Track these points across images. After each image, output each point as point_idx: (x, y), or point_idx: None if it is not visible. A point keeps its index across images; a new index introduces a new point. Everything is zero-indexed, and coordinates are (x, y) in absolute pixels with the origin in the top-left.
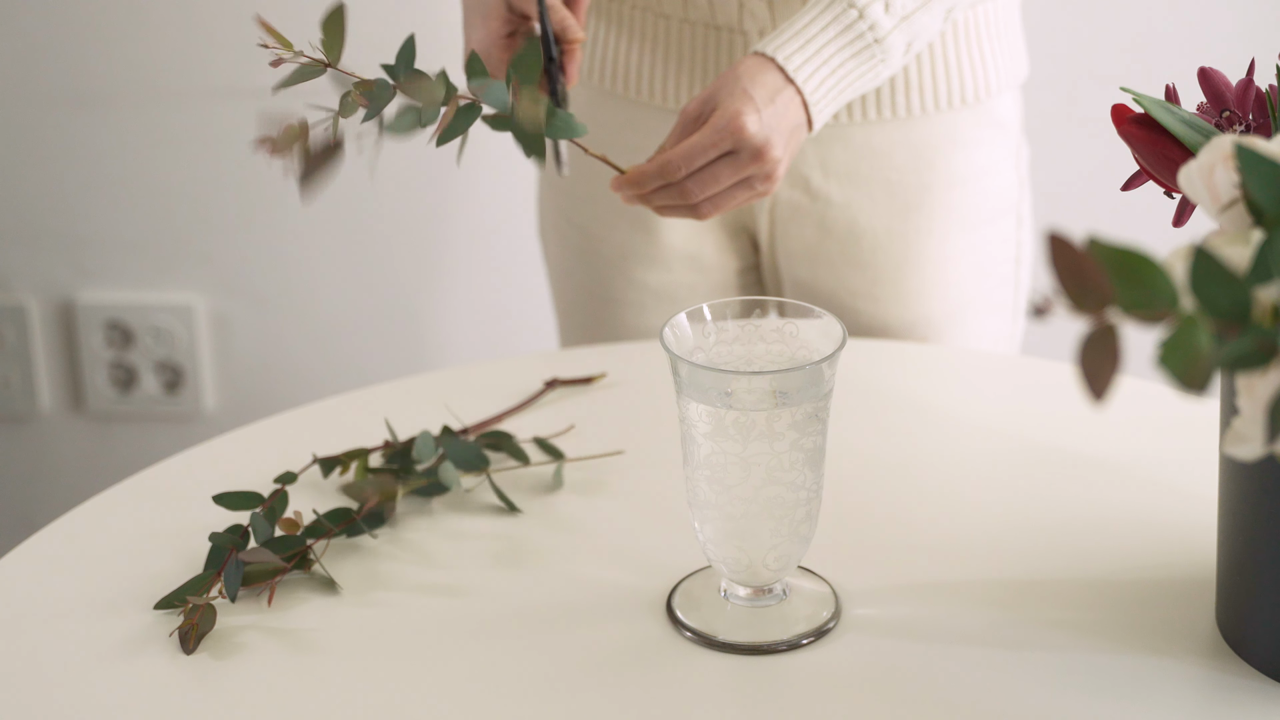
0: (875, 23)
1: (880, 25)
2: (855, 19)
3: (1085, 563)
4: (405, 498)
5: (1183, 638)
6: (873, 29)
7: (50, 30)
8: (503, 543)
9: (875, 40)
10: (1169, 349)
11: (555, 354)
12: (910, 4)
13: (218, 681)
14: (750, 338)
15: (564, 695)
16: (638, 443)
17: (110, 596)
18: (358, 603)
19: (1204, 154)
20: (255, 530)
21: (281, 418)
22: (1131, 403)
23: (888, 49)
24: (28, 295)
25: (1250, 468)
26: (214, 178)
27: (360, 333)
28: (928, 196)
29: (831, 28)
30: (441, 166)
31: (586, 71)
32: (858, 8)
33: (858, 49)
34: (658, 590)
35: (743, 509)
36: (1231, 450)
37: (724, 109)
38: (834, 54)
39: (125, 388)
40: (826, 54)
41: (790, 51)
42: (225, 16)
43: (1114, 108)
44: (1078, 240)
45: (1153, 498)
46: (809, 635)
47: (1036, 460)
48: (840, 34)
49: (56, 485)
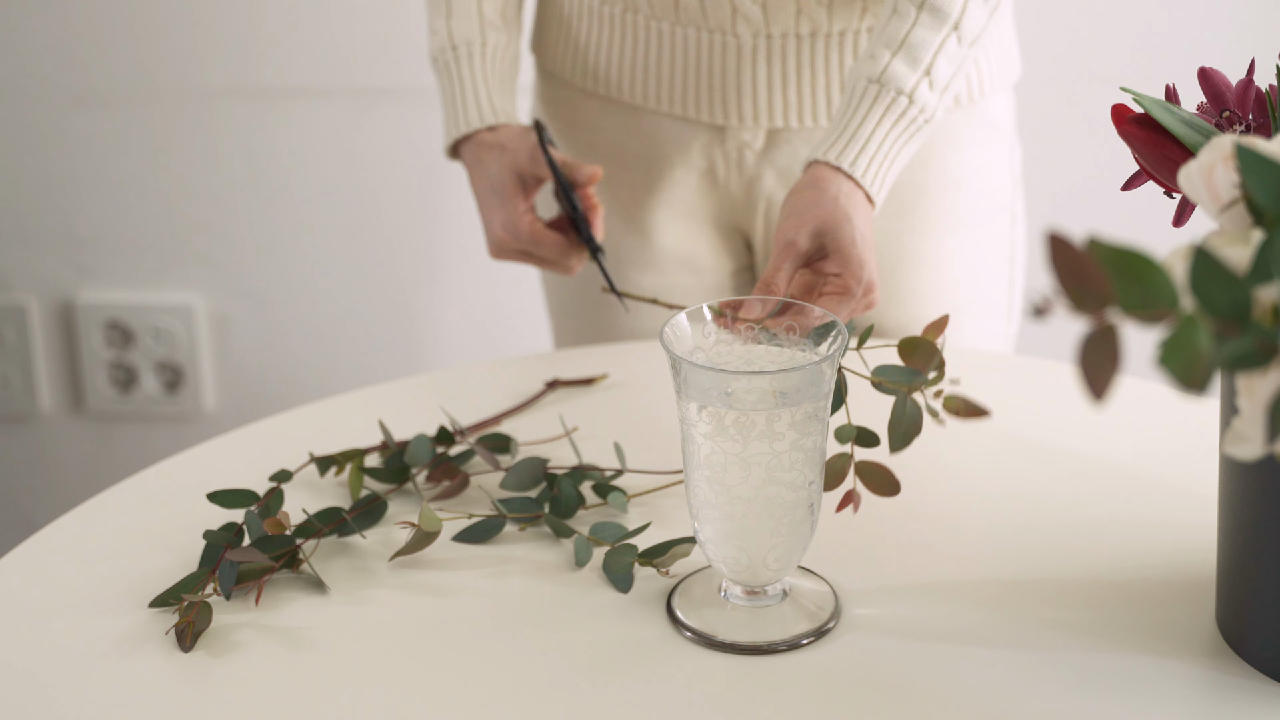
0: (925, 105)
1: (929, 106)
2: (906, 107)
3: (1085, 563)
4: (398, 496)
5: (1183, 638)
6: (923, 111)
7: (50, 30)
8: (499, 542)
9: (926, 121)
10: (1169, 349)
11: (555, 355)
12: (948, 73)
13: (214, 679)
14: (750, 338)
15: (564, 695)
16: (638, 443)
17: (110, 595)
18: (354, 601)
19: (1204, 154)
20: (250, 528)
21: (280, 418)
22: (1131, 403)
23: (935, 122)
24: (28, 295)
25: (1250, 468)
26: (214, 178)
27: (360, 333)
28: (921, 197)
29: (886, 121)
30: (442, 166)
31: (580, 74)
32: (906, 93)
33: (913, 133)
34: (658, 590)
35: (743, 509)
36: (1231, 450)
37: (847, 259)
38: (894, 145)
39: (125, 388)
40: (888, 148)
41: (853, 156)
42: (225, 16)
43: (1114, 108)
44: (1078, 240)
45: (1153, 498)
46: (809, 635)
47: (1036, 460)
48: (896, 124)
49: (56, 485)
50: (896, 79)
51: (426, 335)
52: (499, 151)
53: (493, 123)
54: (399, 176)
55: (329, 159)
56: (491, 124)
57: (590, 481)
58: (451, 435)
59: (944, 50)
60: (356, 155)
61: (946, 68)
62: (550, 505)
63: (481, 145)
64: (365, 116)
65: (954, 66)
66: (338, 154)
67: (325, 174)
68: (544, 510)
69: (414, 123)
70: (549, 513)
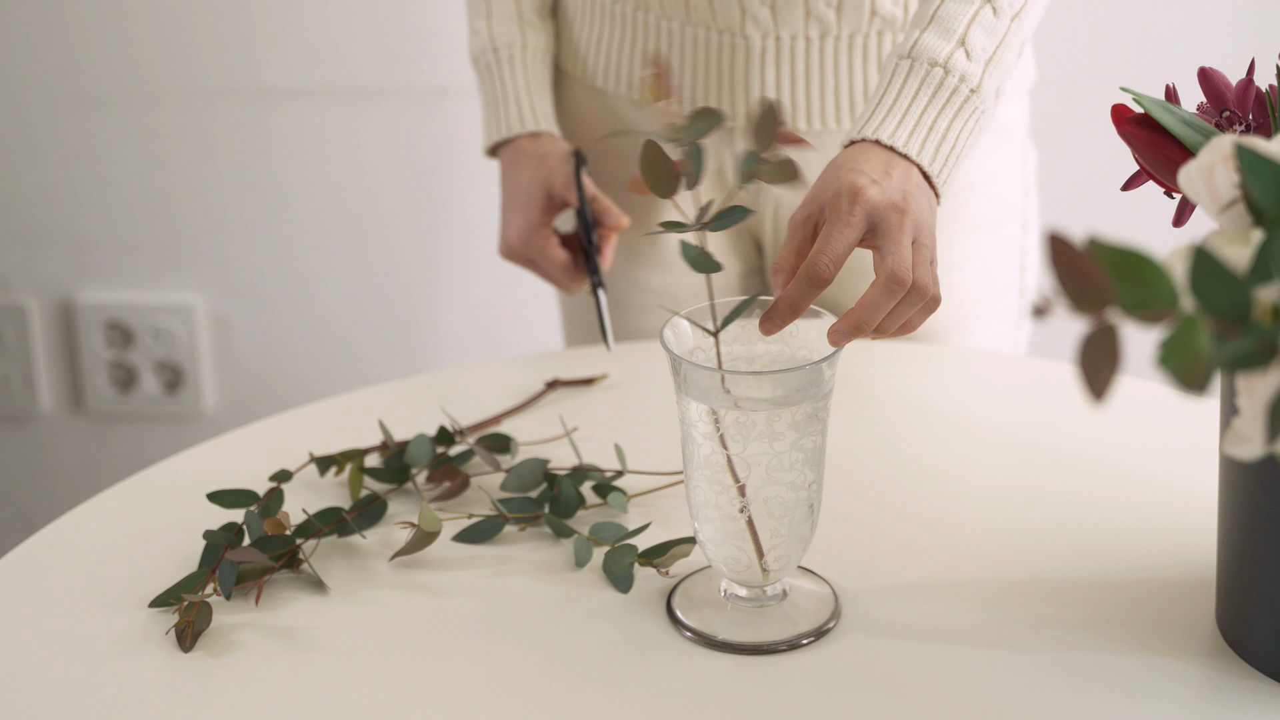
0: (965, 73)
1: (970, 74)
2: (943, 77)
3: (1085, 563)
4: (398, 496)
5: (1183, 638)
6: (964, 80)
7: (50, 30)
8: (499, 542)
9: (971, 91)
10: (1169, 349)
11: (556, 354)
12: (989, 44)
13: (214, 679)
14: (750, 338)
15: (563, 695)
16: (638, 443)
17: (110, 595)
18: (354, 601)
19: (1204, 154)
20: (250, 528)
21: (281, 418)
22: (1131, 403)
23: (984, 96)
24: (28, 295)
25: (1250, 467)
26: (214, 178)
27: (360, 333)
28: None
29: (923, 93)
30: (442, 166)
31: (590, 72)
32: (940, 64)
33: (958, 106)
34: (658, 590)
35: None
36: (1231, 450)
37: (837, 193)
38: (935, 118)
39: (125, 388)
40: (929, 120)
41: (892, 128)
42: (225, 16)
43: (1114, 108)
44: (1078, 240)
45: (1153, 498)
46: (809, 635)
47: (1036, 460)
48: (934, 96)
49: (56, 485)
50: (928, 51)
51: (426, 335)
52: (537, 162)
53: (534, 129)
54: (399, 176)
55: (329, 159)
56: (533, 129)
57: (590, 482)
58: (451, 435)
59: (978, 21)
60: (356, 155)
61: (984, 39)
62: (550, 505)
63: (520, 151)
64: (365, 116)
65: (994, 39)
66: (338, 154)
67: (325, 174)
68: (544, 510)
69: (414, 123)
70: (549, 513)
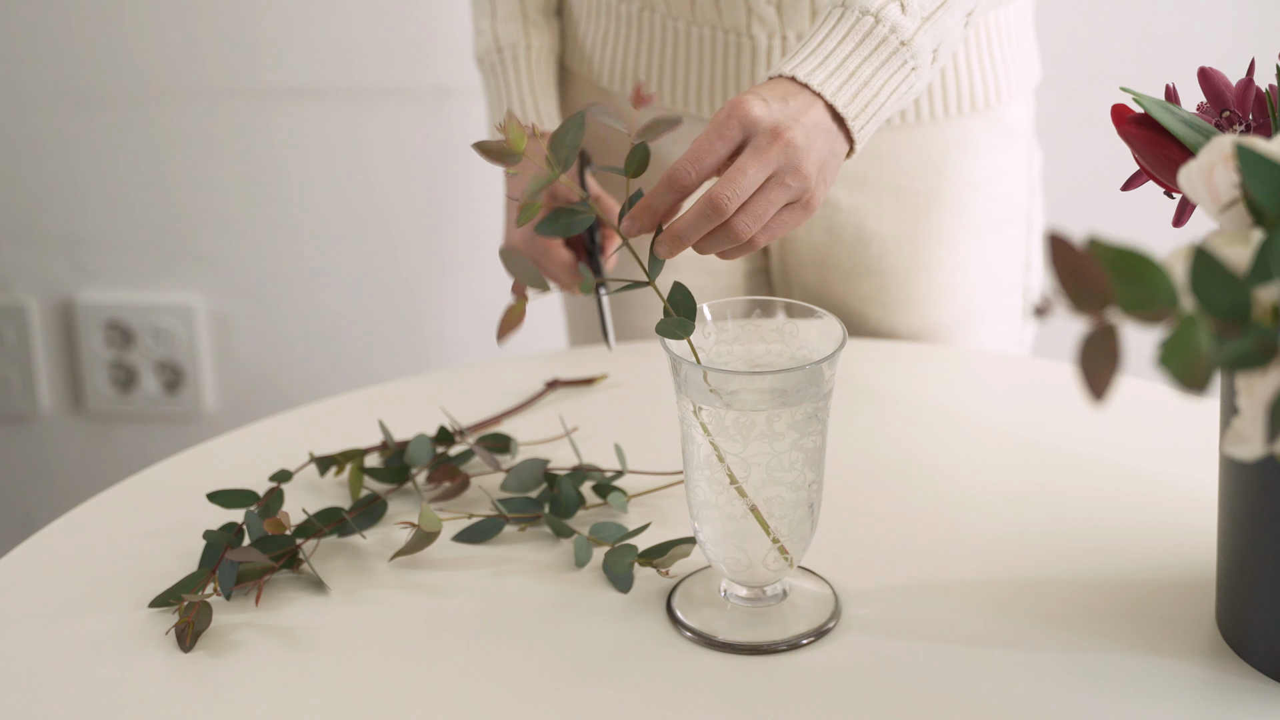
0: (896, 24)
1: (902, 27)
2: (873, 25)
3: (1085, 563)
4: (398, 496)
5: (1183, 638)
6: (895, 31)
7: (50, 30)
8: (499, 542)
9: (901, 43)
10: (1169, 349)
11: (556, 354)
12: (928, 3)
13: (214, 679)
14: (750, 338)
15: (564, 695)
16: (638, 443)
17: (110, 595)
18: (354, 601)
19: (1204, 154)
20: (250, 528)
21: (281, 418)
22: (1131, 403)
23: (916, 51)
24: (28, 295)
25: (1250, 467)
26: (214, 178)
27: (360, 333)
28: (937, 202)
29: (850, 39)
30: (442, 166)
31: (595, 71)
32: (871, 13)
33: (885, 55)
34: (658, 590)
35: (743, 509)
36: (1231, 450)
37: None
38: (859, 65)
39: (125, 388)
40: (851, 65)
41: (811, 67)
42: (225, 16)
43: (1114, 108)
44: (1078, 240)
45: (1153, 498)
46: (809, 635)
47: (1036, 460)
48: (861, 43)
49: (56, 485)
50: (862, 1)
51: (426, 335)
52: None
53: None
54: (399, 176)
55: (329, 159)
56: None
57: (590, 482)
58: (451, 435)
59: None
60: (356, 155)
61: None
62: (550, 505)
63: None
64: (365, 116)
65: (937, 1)
66: (338, 154)
67: (325, 174)
68: (544, 510)
69: (414, 123)
70: (549, 513)
